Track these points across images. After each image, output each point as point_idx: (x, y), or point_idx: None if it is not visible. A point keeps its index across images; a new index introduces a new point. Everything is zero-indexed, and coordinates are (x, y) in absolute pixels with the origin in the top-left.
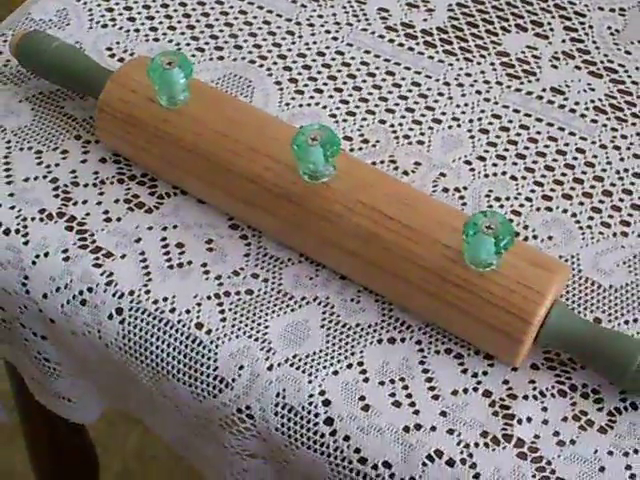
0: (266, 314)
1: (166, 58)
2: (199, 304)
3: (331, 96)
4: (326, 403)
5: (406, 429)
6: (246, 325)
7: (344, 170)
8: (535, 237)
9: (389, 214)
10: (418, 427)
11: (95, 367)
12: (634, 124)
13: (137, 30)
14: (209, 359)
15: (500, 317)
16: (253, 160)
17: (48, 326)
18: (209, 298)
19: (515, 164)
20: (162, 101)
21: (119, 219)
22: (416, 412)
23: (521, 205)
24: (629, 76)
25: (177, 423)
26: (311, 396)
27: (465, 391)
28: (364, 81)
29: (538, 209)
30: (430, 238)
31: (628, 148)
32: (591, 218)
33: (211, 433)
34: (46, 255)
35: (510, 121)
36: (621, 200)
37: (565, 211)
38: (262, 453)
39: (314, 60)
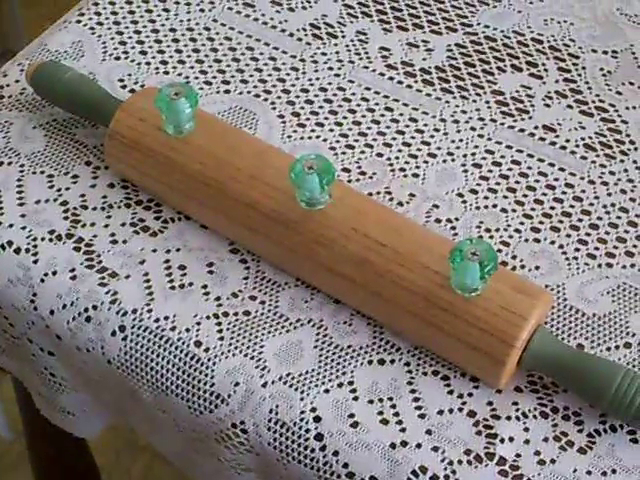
0: (262, 334)
1: (173, 89)
2: (198, 323)
3: (331, 130)
4: (317, 420)
5: (393, 446)
6: (242, 344)
7: (339, 198)
8: (523, 267)
9: (381, 240)
10: (404, 444)
11: (98, 382)
12: (622, 161)
13: (148, 63)
14: (206, 375)
15: (484, 340)
16: (253, 187)
17: (54, 342)
18: (208, 318)
19: (506, 197)
20: (169, 130)
21: (125, 241)
22: (403, 430)
23: (510, 236)
24: (619, 115)
25: (176, 438)
26: (303, 413)
27: (450, 411)
28: (363, 116)
29: (526, 240)
30: (419, 264)
31: (615, 184)
32: (577, 250)
33: (208, 447)
34: (54, 274)
35: (502, 156)
36: (607, 233)
37: (552, 242)
38: (255, 467)
39: (316, 95)
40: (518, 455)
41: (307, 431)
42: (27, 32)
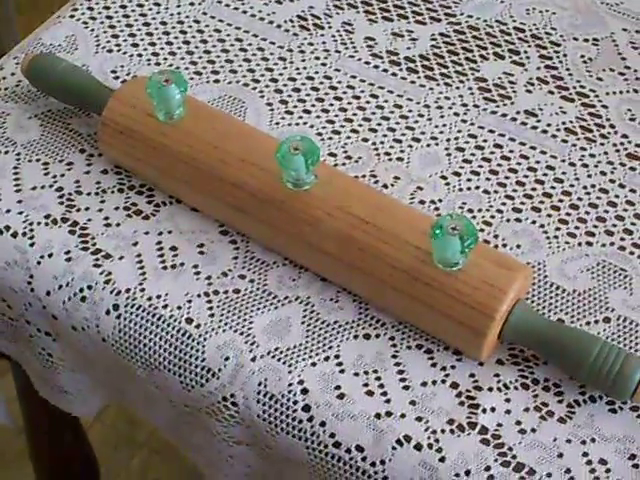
0: (251, 311)
1: (163, 76)
2: (190, 301)
3: (318, 116)
4: (304, 392)
5: (377, 416)
6: (232, 320)
7: (324, 179)
8: (505, 245)
9: (364, 218)
10: (389, 414)
11: (94, 361)
12: (602, 144)
13: (140, 55)
14: (197, 351)
15: (465, 313)
16: (241, 169)
17: (51, 322)
18: (199, 296)
19: (488, 179)
20: (159, 116)
21: (118, 224)
22: (387, 401)
23: (492, 216)
24: (599, 100)
25: (169, 413)
26: (290, 385)
27: (434, 383)
28: (349, 103)
29: (508, 220)
30: (402, 240)
31: (596, 166)
32: (558, 229)
33: (200, 421)
34: (50, 256)
35: (485, 140)
36: (587, 213)
37: (534, 222)
38: (246, 439)
39: (303, 84)
40: (499, 425)
41: (295, 403)
42: (23, 36)
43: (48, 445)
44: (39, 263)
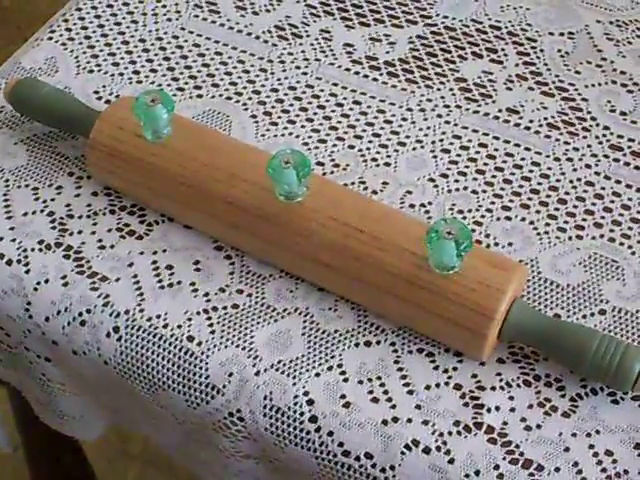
0: (251, 325)
1: (149, 96)
2: (189, 319)
3: (303, 126)
4: (310, 403)
5: (384, 422)
6: (233, 336)
7: (316, 190)
8: (497, 244)
9: (359, 227)
10: (395, 420)
11: (96, 384)
12: (585, 137)
13: (121, 74)
14: (201, 368)
15: (464, 315)
16: (233, 185)
17: (51, 348)
18: (198, 313)
19: (475, 179)
20: (147, 136)
21: (112, 246)
22: (393, 406)
23: (482, 216)
24: (579, 94)
25: (174, 431)
26: (296, 397)
27: (437, 385)
28: (333, 111)
29: (498, 219)
30: (397, 247)
31: (580, 159)
32: (548, 224)
33: (206, 438)
34: (46, 282)
35: (469, 140)
36: (575, 207)
37: (523, 219)
38: (254, 453)
39: (286, 94)
40: (505, 423)
41: (301, 414)
42: None
43: (47, 462)
44: (36, 289)
